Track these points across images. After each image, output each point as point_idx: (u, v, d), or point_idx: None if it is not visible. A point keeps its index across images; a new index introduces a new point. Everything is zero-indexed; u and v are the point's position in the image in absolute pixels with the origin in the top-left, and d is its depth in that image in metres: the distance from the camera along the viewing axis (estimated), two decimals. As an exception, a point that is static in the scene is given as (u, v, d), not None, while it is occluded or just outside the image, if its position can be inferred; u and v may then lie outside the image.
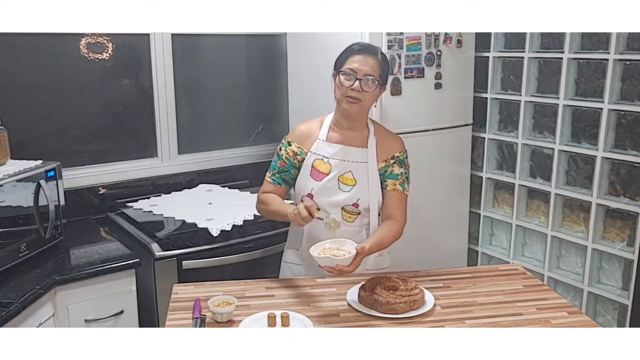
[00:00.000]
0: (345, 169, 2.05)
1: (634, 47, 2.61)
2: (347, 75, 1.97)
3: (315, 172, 2.06)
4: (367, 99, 2.00)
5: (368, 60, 1.97)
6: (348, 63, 1.98)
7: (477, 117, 3.24)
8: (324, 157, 2.06)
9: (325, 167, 2.06)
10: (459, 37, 3.01)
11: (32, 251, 2.25)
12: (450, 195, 3.18)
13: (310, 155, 2.08)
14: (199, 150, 3.24)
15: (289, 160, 2.09)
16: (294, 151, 2.09)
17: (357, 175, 2.05)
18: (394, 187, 2.08)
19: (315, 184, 2.05)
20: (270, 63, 3.38)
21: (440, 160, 3.08)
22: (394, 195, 2.08)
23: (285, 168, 2.10)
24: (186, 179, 3.17)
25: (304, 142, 2.10)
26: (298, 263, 2.16)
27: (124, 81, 2.97)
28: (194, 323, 1.71)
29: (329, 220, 1.87)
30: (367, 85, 1.97)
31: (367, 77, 1.96)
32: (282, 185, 2.11)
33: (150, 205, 2.85)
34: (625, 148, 2.68)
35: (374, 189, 2.06)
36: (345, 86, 1.98)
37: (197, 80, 3.18)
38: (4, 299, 1.93)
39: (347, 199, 2.04)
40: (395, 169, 2.09)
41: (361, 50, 2.00)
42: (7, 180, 2.14)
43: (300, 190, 2.09)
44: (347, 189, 2.04)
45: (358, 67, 1.96)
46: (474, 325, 1.74)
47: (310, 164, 2.07)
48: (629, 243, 2.70)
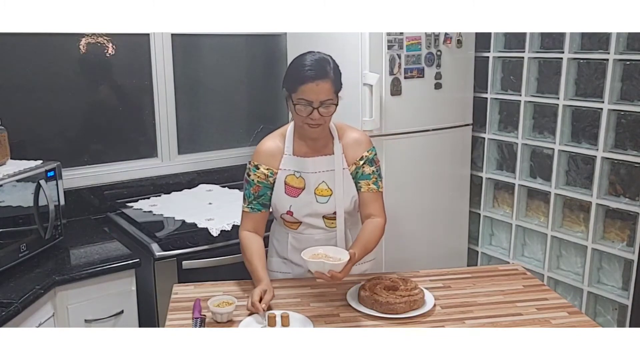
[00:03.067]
0: (318, 180, 2.01)
1: (634, 47, 2.61)
2: (303, 106, 1.88)
3: (290, 188, 2.01)
4: (327, 120, 1.94)
5: (321, 86, 1.85)
6: (300, 92, 1.86)
7: (477, 117, 3.24)
8: (295, 172, 2.01)
9: (298, 181, 2.01)
10: (459, 37, 3.01)
11: (32, 251, 2.25)
12: (450, 195, 3.18)
13: (280, 173, 2.01)
14: (199, 150, 3.24)
15: (262, 184, 2.01)
16: (265, 173, 2.01)
17: (330, 184, 2.01)
18: (367, 187, 2.03)
19: (292, 201, 2.01)
20: (270, 63, 3.38)
21: (440, 160, 3.08)
22: (369, 195, 2.03)
23: (261, 192, 2.01)
24: (186, 179, 3.17)
25: (271, 161, 2.02)
26: (286, 272, 2.13)
27: (124, 81, 2.97)
28: (194, 323, 1.71)
29: (268, 314, 1.74)
30: (325, 109, 1.89)
31: (324, 102, 1.87)
32: (262, 211, 2.03)
33: (150, 205, 2.85)
34: (625, 148, 2.68)
35: (347, 195, 2.02)
36: (303, 115, 1.89)
37: (197, 80, 3.18)
38: (4, 299, 1.93)
39: (326, 209, 2.02)
40: (365, 169, 2.04)
41: (313, 77, 1.85)
42: (7, 180, 2.14)
43: (278, 209, 2.04)
44: (325, 200, 2.01)
45: (313, 97, 1.86)
46: (474, 325, 1.74)
47: (282, 182, 2.01)
48: (629, 243, 2.70)
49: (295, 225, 2.06)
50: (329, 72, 1.88)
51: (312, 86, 1.85)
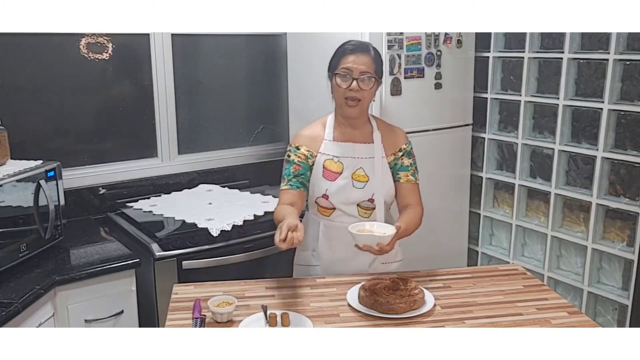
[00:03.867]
0: (356, 166, 2.07)
1: (634, 47, 2.61)
2: (343, 77, 1.99)
3: (328, 172, 2.06)
4: (365, 97, 2.02)
5: (361, 58, 1.98)
6: (342, 63, 1.99)
7: (477, 117, 3.24)
8: (334, 157, 2.07)
9: (337, 166, 2.06)
10: (459, 37, 3.01)
11: (32, 251, 2.25)
12: (450, 195, 3.18)
13: (320, 157, 2.08)
14: (199, 150, 3.24)
15: (302, 163, 2.07)
16: (305, 154, 2.08)
17: (368, 171, 2.07)
18: (407, 178, 2.11)
19: (329, 185, 2.05)
20: (270, 63, 3.38)
21: (440, 160, 3.08)
22: (408, 186, 2.12)
23: (301, 171, 2.06)
24: (186, 179, 3.17)
25: (311, 143, 2.09)
26: (314, 264, 2.15)
27: (124, 81, 2.97)
28: (194, 323, 1.71)
29: (269, 314, 1.73)
30: (364, 83, 1.99)
31: (363, 75, 1.98)
32: (300, 189, 2.06)
33: (150, 205, 2.85)
34: (625, 148, 2.68)
35: (385, 183, 2.08)
36: (342, 87, 1.99)
37: (197, 80, 3.18)
38: (4, 299, 1.93)
39: (362, 195, 2.06)
40: (404, 161, 2.12)
41: (353, 49, 2.00)
42: (7, 180, 2.14)
43: (315, 192, 2.09)
44: (361, 186, 2.06)
45: (353, 67, 1.97)
46: (474, 325, 1.74)
47: (321, 165, 2.07)
48: (629, 243, 2.70)
49: (329, 212, 2.09)
50: (370, 50, 2.02)
51: (353, 57, 1.98)
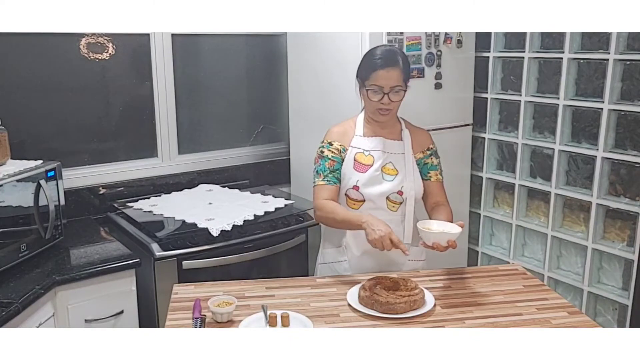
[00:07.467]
0: (386, 159, 2.13)
1: (634, 47, 2.61)
2: (375, 92, 2.05)
3: (359, 164, 2.11)
4: (396, 105, 2.10)
5: (392, 73, 2.03)
6: (373, 79, 2.04)
7: (477, 117, 3.24)
8: (364, 150, 2.13)
9: (367, 159, 2.12)
10: (459, 37, 3.01)
11: (32, 251, 2.25)
12: (450, 195, 3.15)
13: (351, 150, 2.13)
14: (199, 150, 3.24)
15: (336, 158, 2.12)
16: (338, 149, 2.13)
17: (397, 165, 2.13)
18: (437, 177, 2.20)
19: (360, 176, 2.10)
20: (270, 63, 3.38)
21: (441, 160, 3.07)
22: (438, 185, 2.20)
23: (336, 166, 2.12)
24: (186, 179, 3.17)
25: (342, 139, 2.15)
26: (341, 260, 2.18)
27: (124, 81, 2.97)
28: (194, 323, 1.71)
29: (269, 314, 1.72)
30: (395, 95, 2.06)
31: (394, 88, 2.04)
32: (337, 184, 2.12)
33: (150, 205, 2.85)
34: (625, 148, 2.68)
35: (415, 178, 2.14)
36: (374, 101, 2.06)
37: (197, 80, 3.18)
38: (4, 299, 1.93)
39: (392, 187, 2.11)
40: (433, 160, 2.21)
41: (383, 64, 2.03)
42: (7, 180, 2.14)
43: (345, 183, 2.13)
44: (391, 179, 2.11)
45: (384, 83, 2.03)
46: (474, 325, 1.74)
47: (352, 158, 2.12)
48: (629, 243, 2.70)
49: (358, 205, 2.12)
50: (399, 61, 2.06)
51: (383, 73, 2.03)
